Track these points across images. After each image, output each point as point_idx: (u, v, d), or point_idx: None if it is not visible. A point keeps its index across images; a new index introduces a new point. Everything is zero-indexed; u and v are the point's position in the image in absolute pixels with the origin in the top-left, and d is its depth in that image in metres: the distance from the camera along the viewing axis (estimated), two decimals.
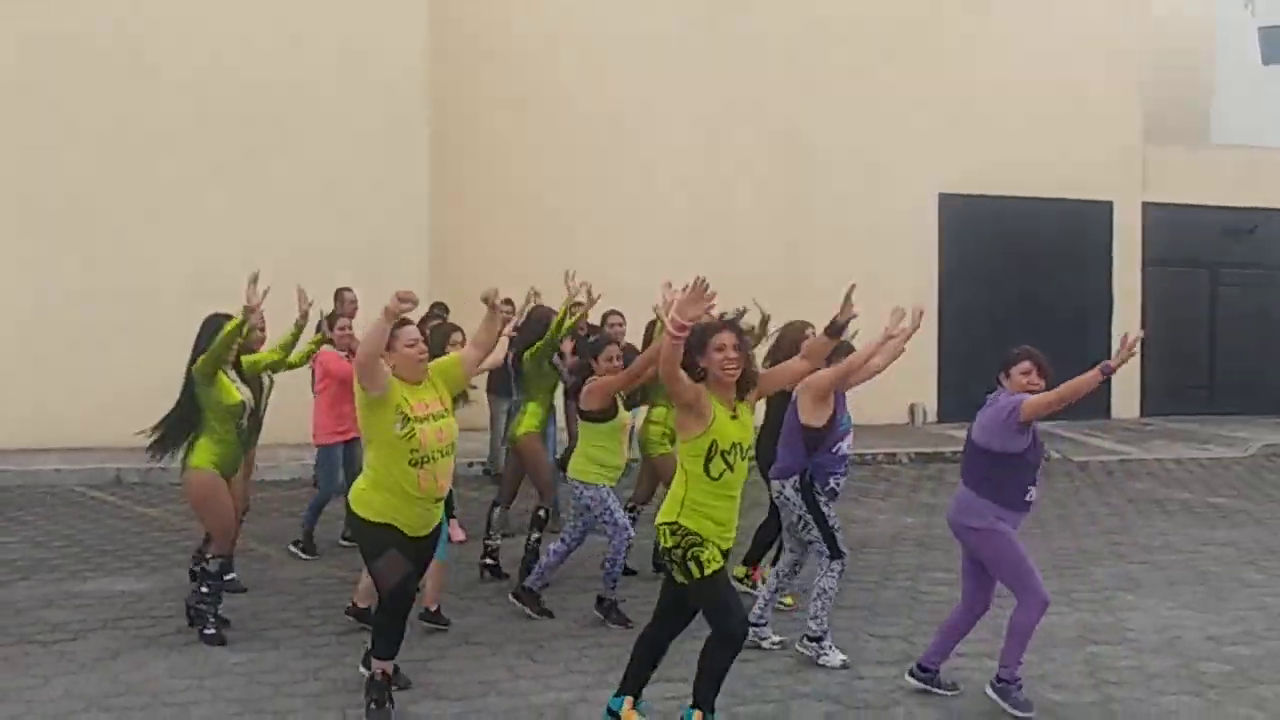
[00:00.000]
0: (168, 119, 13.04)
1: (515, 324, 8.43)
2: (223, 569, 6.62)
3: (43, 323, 12.73)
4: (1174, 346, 18.16)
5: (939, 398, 16.86)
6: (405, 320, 5.37)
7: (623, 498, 7.32)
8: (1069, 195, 17.30)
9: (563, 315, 7.73)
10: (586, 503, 6.97)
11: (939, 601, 7.52)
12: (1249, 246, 18.56)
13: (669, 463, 7.48)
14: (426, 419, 5.21)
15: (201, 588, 6.59)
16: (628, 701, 5.14)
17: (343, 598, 7.43)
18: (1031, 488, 5.50)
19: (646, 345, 7.68)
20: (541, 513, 7.83)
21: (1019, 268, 17.30)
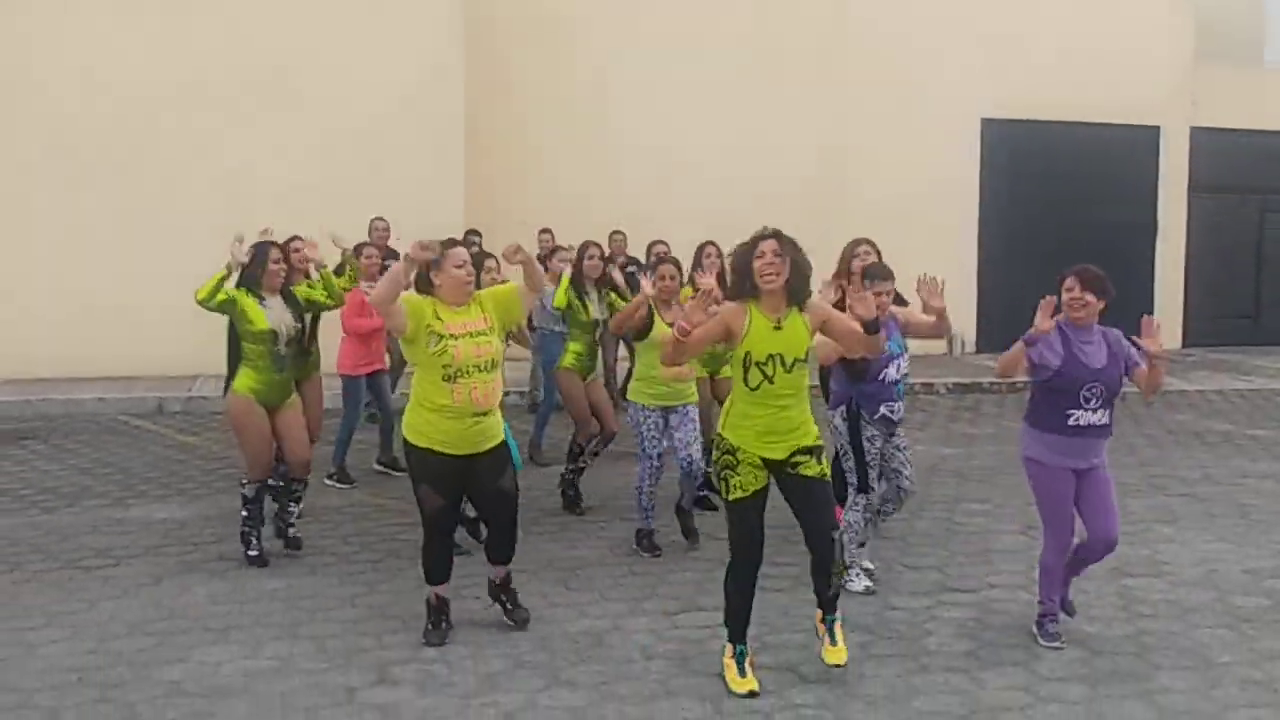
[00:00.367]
0: (204, 56, 12.99)
1: (565, 257, 8.82)
2: (258, 493, 6.70)
3: (82, 254, 12.82)
4: (1219, 276, 17.89)
5: (978, 327, 16.71)
6: (455, 241, 5.53)
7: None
8: (1115, 120, 16.93)
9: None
10: (628, 420, 7.18)
11: (974, 533, 7.52)
12: None
13: (721, 385, 7.96)
14: (464, 336, 5.27)
15: (243, 511, 6.69)
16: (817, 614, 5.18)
17: (380, 525, 7.56)
18: (1075, 410, 5.29)
19: (695, 266, 7.86)
20: (576, 446, 7.94)
21: (1061, 195, 16.99)
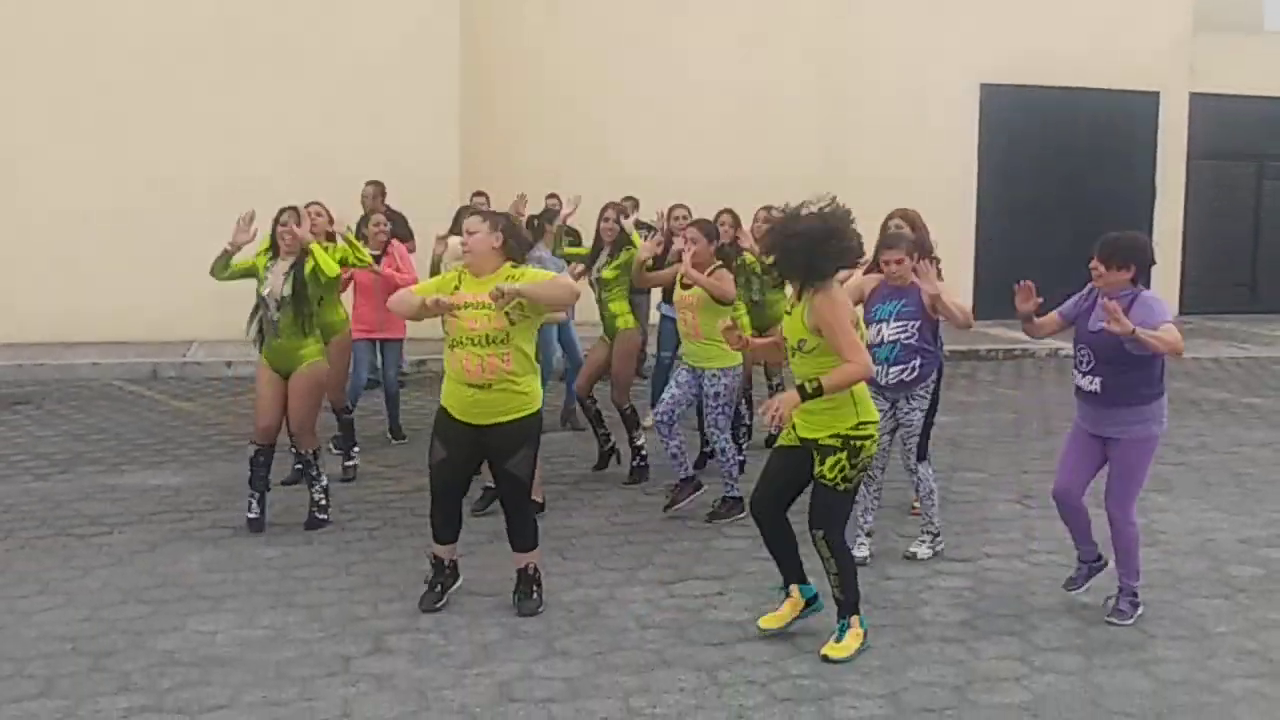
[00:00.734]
0: (198, 20, 12.82)
1: (566, 214, 8.99)
2: (256, 454, 6.69)
3: (76, 217, 12.70)
4: (1216, 243, 17.82)
5: (975, 294, 16.61)
6: (474, 210, 5.76)
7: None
8: (1114, 86, 16.82)
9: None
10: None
11: (969, 501, 7.53)
12: None
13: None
14: (466, 307, 5.25)
15: (248, 470, 6.75)
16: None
17: (376, 493, 7.55)
18: (1075, 372, 5.41)
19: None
20: (629, 410, 7.93)
21: (1060, 161, 16.89)
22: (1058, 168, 16.88)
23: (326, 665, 4.86)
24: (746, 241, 8.12)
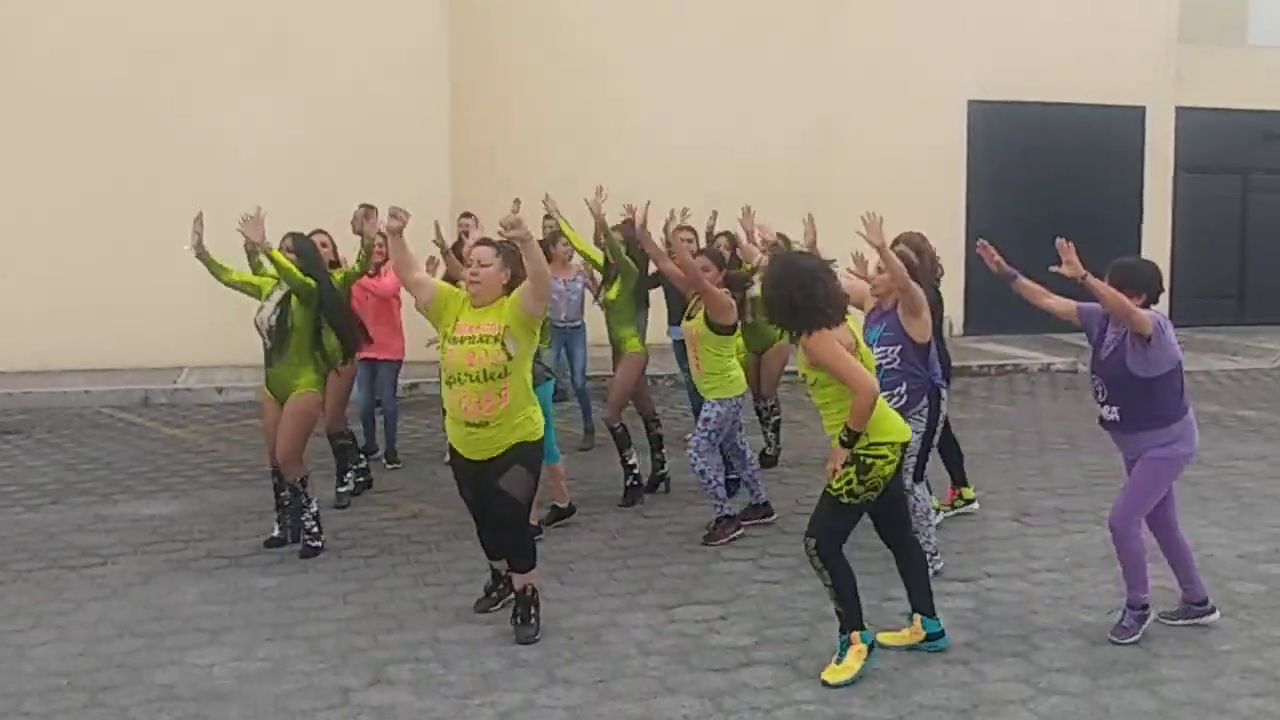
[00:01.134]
0: (190, 31, 12.78)
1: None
2: (276, 478, 6.85)
3: (65, 243, 12.63)
4: (1204, 255, 17.88)
5: (965, 310, 16.67)
6: (485, 241, 5.55)
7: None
8: (1100, 101, 16.90)
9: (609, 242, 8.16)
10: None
11: (969, 520, 7.50)
12: None
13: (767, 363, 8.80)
14: (463, 340, 5.18)
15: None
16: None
17: (372, 519, 7.49)
18: (1096, 403, 5.43)
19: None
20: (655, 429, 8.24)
21: (1048, 176, 16.96)
22: (1046, 183, 16.94)
23: (327, 698, 4.81)
24: (761, 238, 7.96)
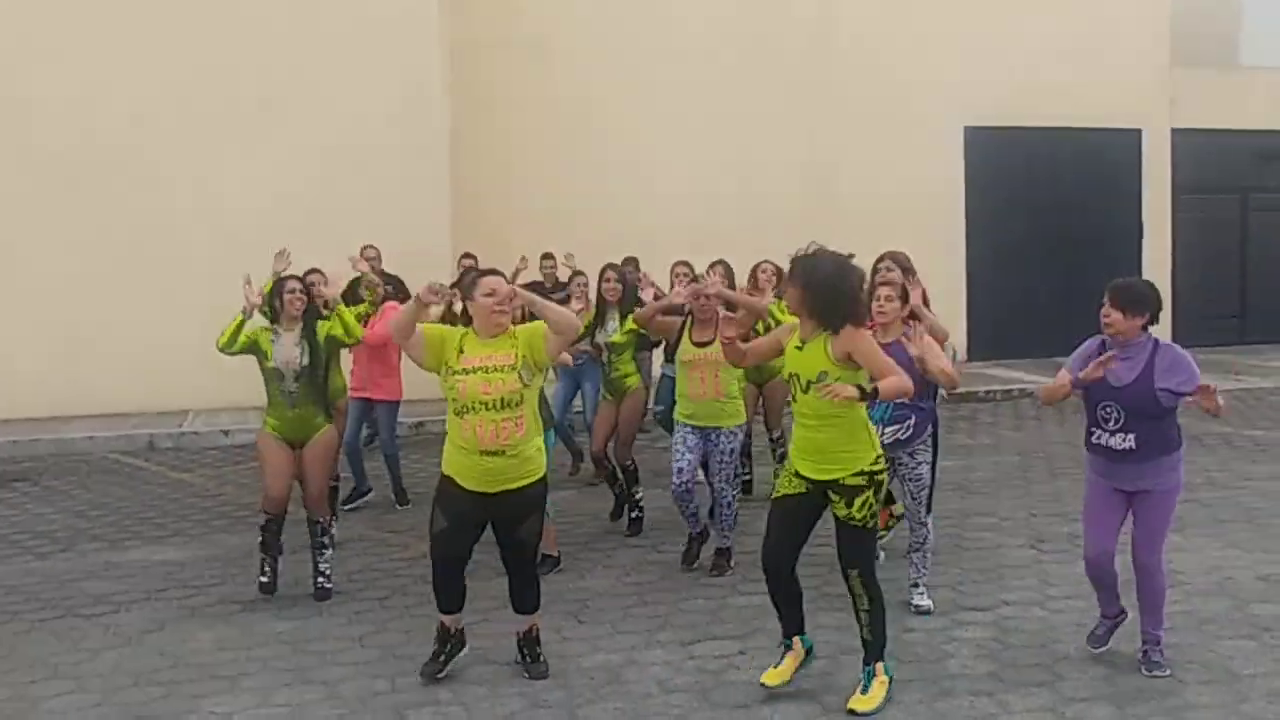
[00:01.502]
0: (189, 81, 12.80)
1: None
2: (268, 523, 6.62)
3: (68, 290, 12.64)
4: (1205, 276, 17.92)
5: (969, 336, 16.68)
6: (491, 271, 5.42)
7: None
8: (1097, 124, 16.97)
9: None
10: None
11: (983, 548, 7.46)
12: None
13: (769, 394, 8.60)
14: (476, 371, 5.10)
15: (258, 539, 6.68)
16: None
17: (384, 560, 7.45)
18: (1095, 429, 5.20)
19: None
20: (631, 466, 8.11)
21: (1047, 201, 17.00)
22: (1044, 207, 17.00)
23: None
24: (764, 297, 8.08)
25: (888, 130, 15.98)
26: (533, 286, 8.99)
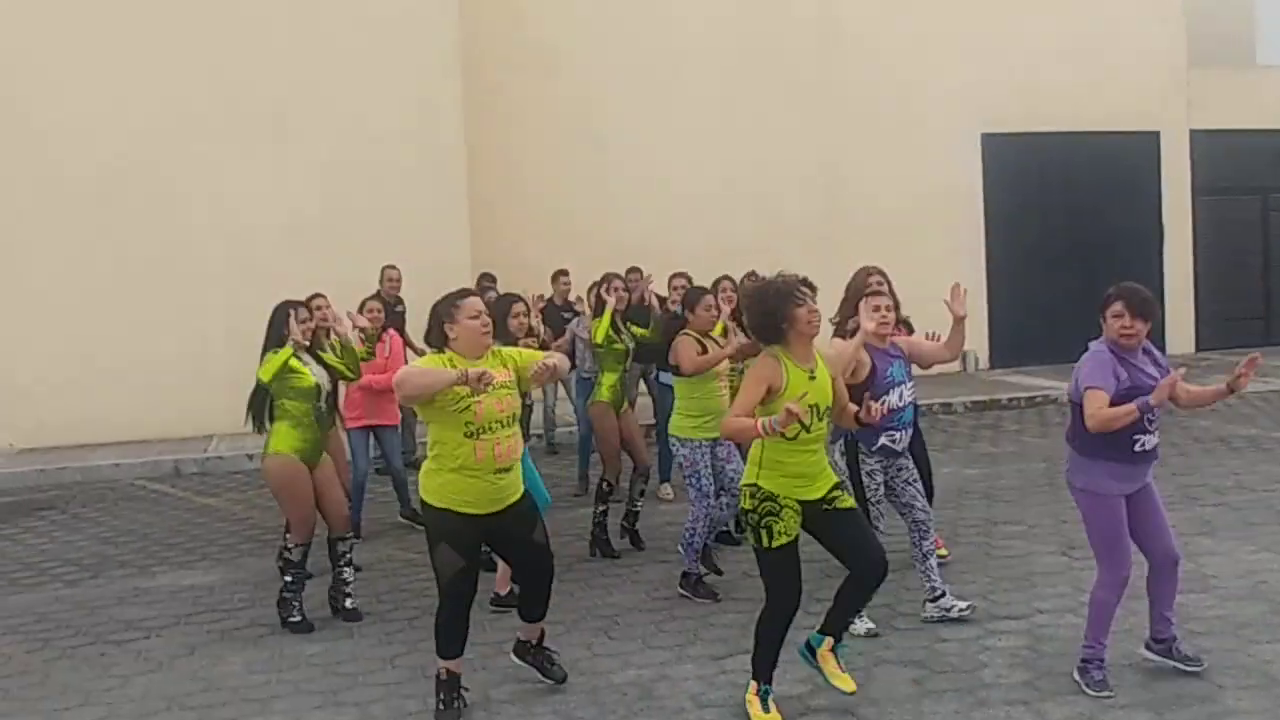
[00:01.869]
0: (202, 99, 12.85)
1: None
2: (301, 560, 6.58)
3: (90, 316, 12.71)
4: (1227, 278, 17.82)
5: (990, 343, 16.64)
6: (468, 291, 5.32)
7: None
8: (1114, 128, 16.92)
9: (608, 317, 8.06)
10: (680, 460, 6.88)
11: (1013, 556, 7.40)
12: None
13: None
14: (494, 388, 5.00)
15: (285, 576, 6.56)
16: (828, 642, 5.13)
17: (412, 580, 7.44)
18: (1142, 436, 5.05)
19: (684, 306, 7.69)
20: (605, 485, 7.84)
21: (1066, 206, 16.96)
22: (1065, 212, 16.95)
23: None
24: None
25: (903, 138, 15.99)
26: (547, 304, 8.96)
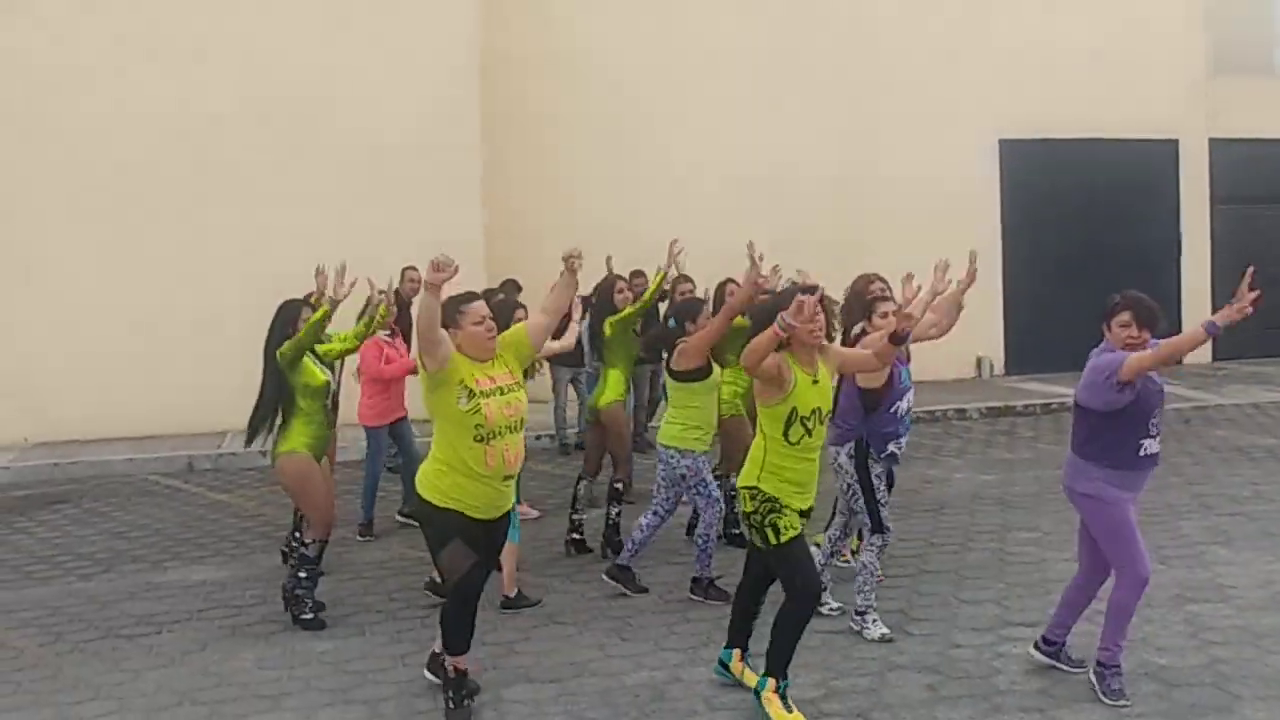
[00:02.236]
0: (222, 98, 12.86)
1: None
2: (318, 555, 6.57)
3: (104, 313, 12.72)
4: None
5: (1005, 350, 16.56)
6: (473, 295, 5.26)
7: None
8: (1133, 135, 16.83)
9: (658, 282, 7.92)
10: (682, 472, 6.77)
11: (1027, 563, 7.35)
12: None
13: (741, 425, 7.39)
14: (493, 393, 4.97)
15: (300, 573, 6.55)
16: (736, 654, 5.33)
17: (422, 578, 7.38)
18: (1146, 440, 5.08)
19: (717, 306, 7.56)
20: (619, 485, 7.79)
21: (1084, 213, 16.86)
22: (1081, 220, 16.85)
23: None
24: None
25: (923, 143, 15.91)
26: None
